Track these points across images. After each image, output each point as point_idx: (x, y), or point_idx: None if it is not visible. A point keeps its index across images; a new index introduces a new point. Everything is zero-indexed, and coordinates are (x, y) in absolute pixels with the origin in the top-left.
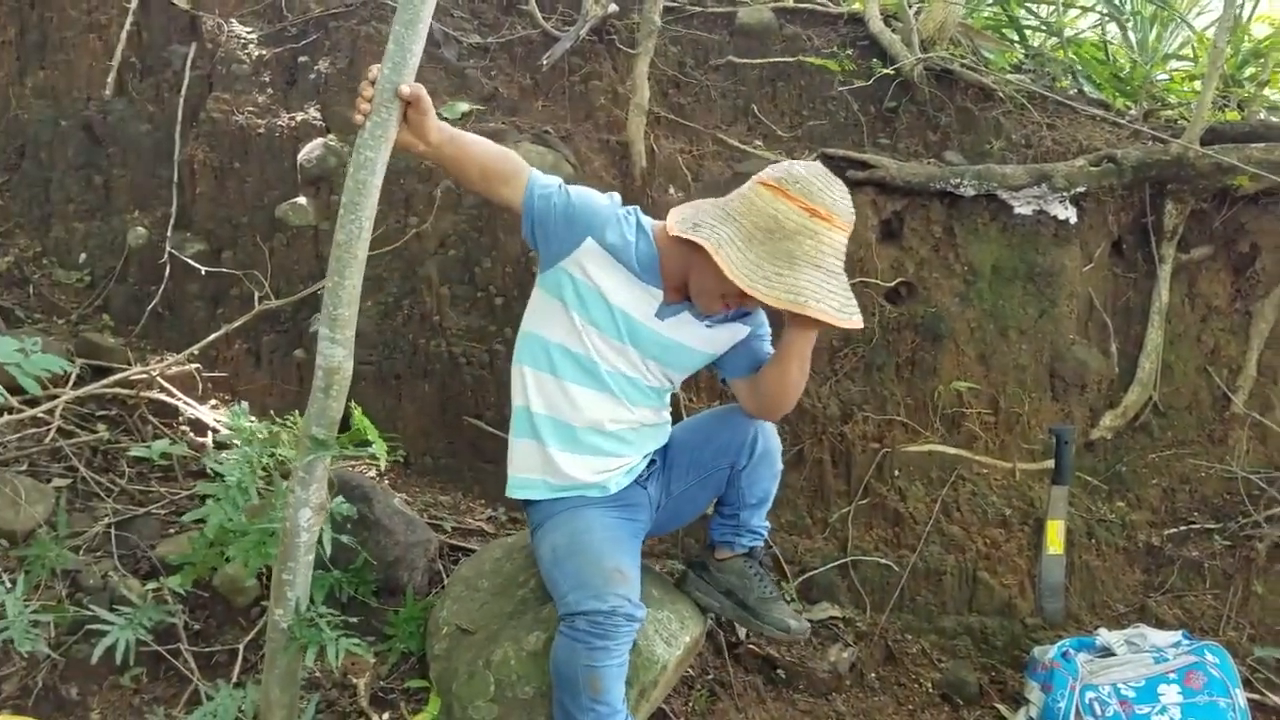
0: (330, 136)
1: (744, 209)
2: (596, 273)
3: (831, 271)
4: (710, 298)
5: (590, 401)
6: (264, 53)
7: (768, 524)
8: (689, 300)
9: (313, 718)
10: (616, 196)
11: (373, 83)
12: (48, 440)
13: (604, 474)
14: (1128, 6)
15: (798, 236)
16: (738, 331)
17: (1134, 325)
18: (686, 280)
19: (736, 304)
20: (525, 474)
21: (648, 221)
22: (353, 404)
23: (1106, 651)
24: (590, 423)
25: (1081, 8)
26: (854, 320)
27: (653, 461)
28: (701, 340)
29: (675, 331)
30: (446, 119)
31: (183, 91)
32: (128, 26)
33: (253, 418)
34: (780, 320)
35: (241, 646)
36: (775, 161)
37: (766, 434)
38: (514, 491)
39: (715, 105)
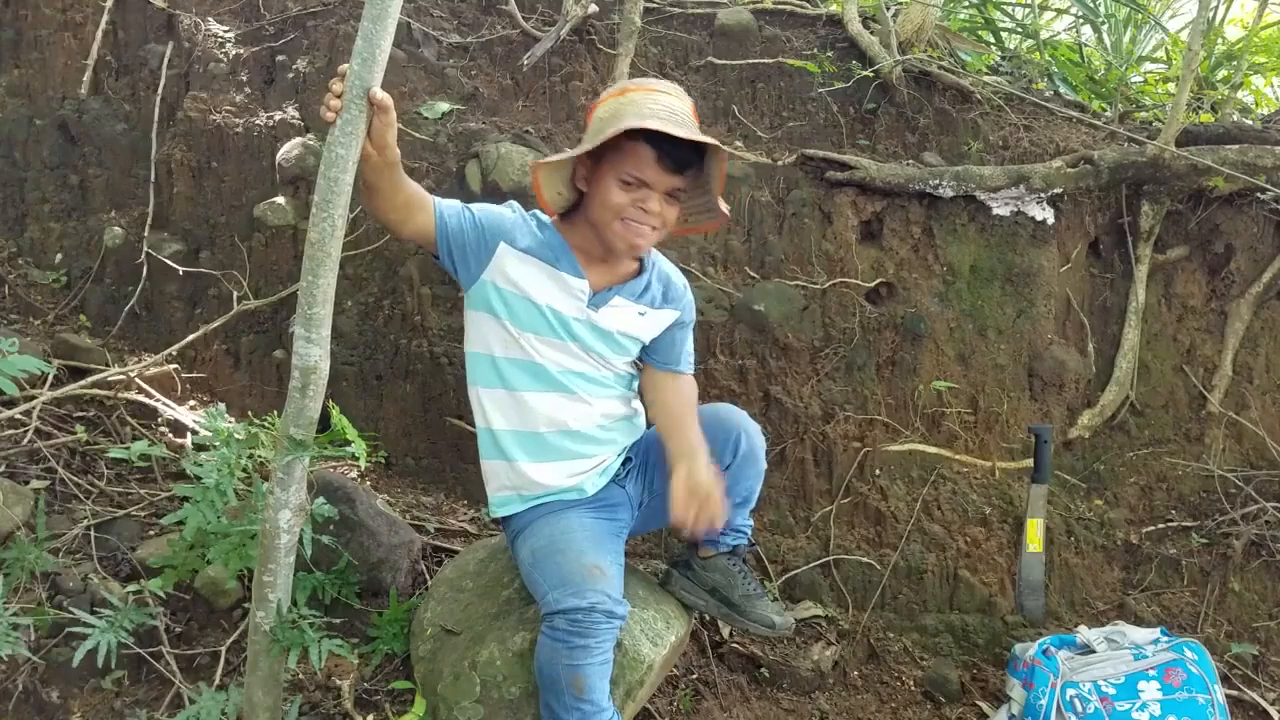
0: (309, 136)
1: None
2: (518, 276)
3: (661, 117)
4: (607, 221)
5: (548, 405)
6: (241, 51)
7: (751, 523)
8: (619, 285)
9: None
10: (515, 204)
11: (342, 78)
12: (25, 442)
13: (578, 476)
14: (1102, 9)
15: (618, 110)
16: (668, 317)
17: (1111, 325)
18: (601, 248)
19: (635, 212)
20: (500, 493)
21: (546, 217)
22: (332, 404)
23: (1087, 649)
24: (553, 425)
25: (1057, 10)
26: (687, 132)
27: (629, 460)
28: (638, 326)
29: (611, 320)
30: (427, 118)
31: (159, 90)
32: (103, 25)
33: (231, 418)
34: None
35: (224, 649)
36: (757, 162)
37: (750, 433)
38: (495, 511)
39: (696, 106)
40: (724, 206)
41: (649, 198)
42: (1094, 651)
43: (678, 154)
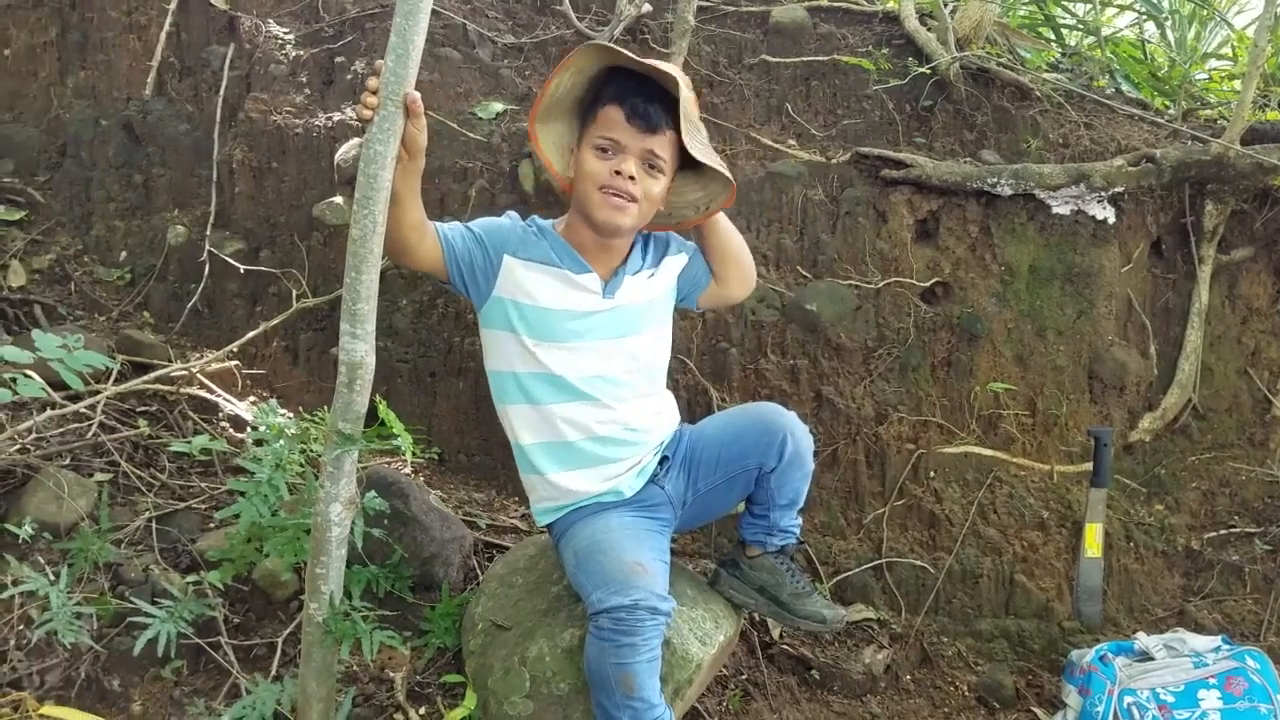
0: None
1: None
2: (528, 285)
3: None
4: (588, 193)
5: (573, 414)
6: (301, 53)
7: (799, 522)
8: (621, 267)
9: (350, 711)
10: (513, 214)
11: (378, 75)
12: (90, 435)
13: (612, 480)
14: (1166, 5)
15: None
16: (677, 261)
17: (1173, 327)
18: (595, 238)
19: (613, 180)
20: (540, 504)
21: (544, 222)
22: (379, 399)
23: (1145, 656)
24: (580, 433)
25: (1119, 6)
26: (640, 61)
27: (666, 458)
28: (654, 290)
29: (629, 297)
30: (481, 119)
31: (221, 91)
32: (167, 27)
33: (287, 414)
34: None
35: (280, 640)
36: (810, 161)
37: (796, 436)
38: (539, 520)
39: (749, 104)
40: (717, 163)
41: (624, 160)
42: (1153, 659)
43: (648, 113)
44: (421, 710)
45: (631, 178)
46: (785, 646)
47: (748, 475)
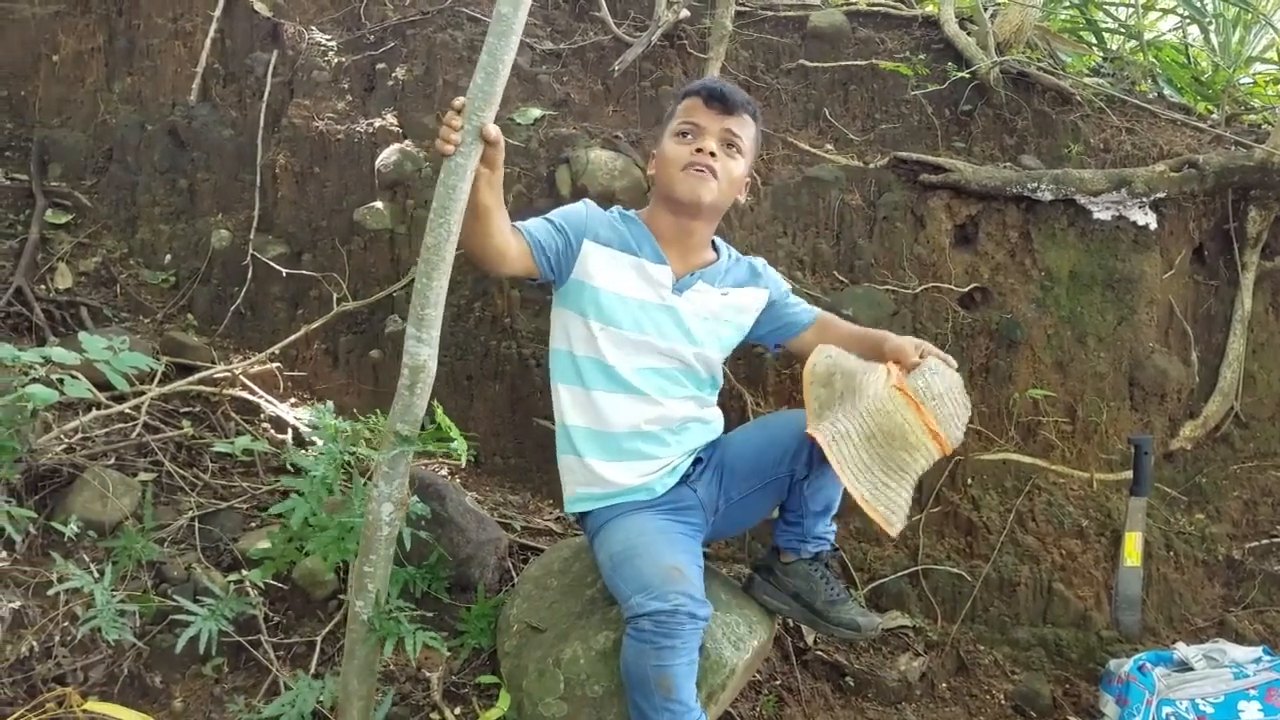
0: (407, 142)
1: (874, 408)
2: (603, 268)
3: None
4: (672, 176)
5: (620, 407)
6: (343, 60)
7: (834, 528)
8: (700, 270)
9: (388, 710)
10: (589, 201)
11: (459, 112)
12: (134, 435)
13: (647, 476)
14: (1209, 8)
15: (915, 452)
16: (756, 296)
17: (1215, 334)
18: (678, 222)
19: (695, 157)
20: (574, 489)
21: (630, 211)
22: (435, 403)
23: (1184, 666)
24: (627, 427)
25: (1162, 10)
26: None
27: (699, 460)
28: (722, 307)
29: (695, 304)
30: (519, 124)
31: (265, 97)
32: (212, 34)
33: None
34: None
35: (319, 639)
36: (847, 165)
37: None
38: (570, 508)
39: (786, 109)
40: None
41: (704, 139)
42: (1192, 669)
43: (724, 95)
44: (457, 710)
45: (712, 153)
46: (820, 653)
47: (780, 483)
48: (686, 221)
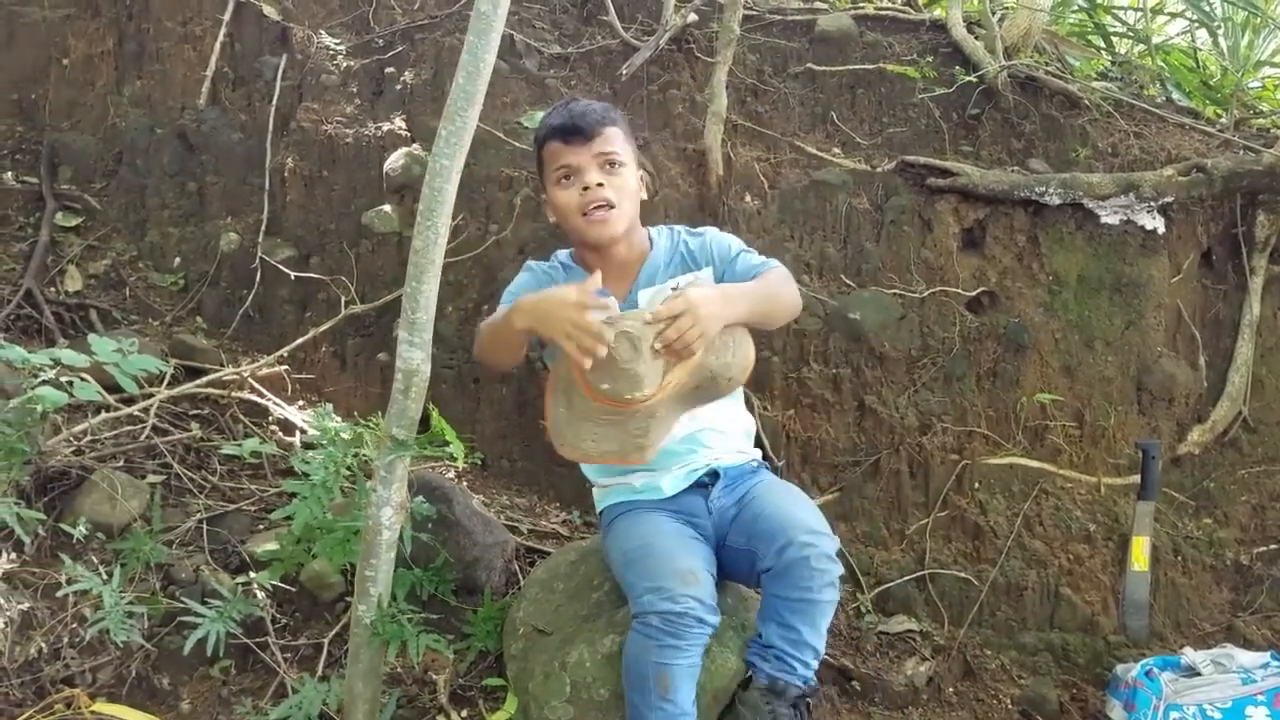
0: (415, 146)
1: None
2: None
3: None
4: (574, 225)
5: None
6: (352, 64)
7: (811, 665)
8: (635, 279)
9: (394, 712)
10: (531, 263)
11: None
12: (143, 438)
13: (654, 475)
14: (1218, 12)
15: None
16: (701, 278)
17: (1223, 338)
18: (612, 260)
19: (584, 198)
20: (596, 479)
21: (566, 257)
22: (431, 406)
23: (1192, 671)
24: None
25: (1170, 14)
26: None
27: (717, 475)
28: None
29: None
30: (528, 128)
31: (274, 101)
32: (221, 37)
33: (338, 418)
34: None
35: (326, 641)
36: (854, 169)
37: (801, 545)
38: (598, 504)
39: (793, 113)
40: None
41: (583, 176)
42: (1200, 674)
43: (576, 126)
44: (463, 713)
45: (600, 184)
46: (826, 657)
47: (750, 558)
48: (610, 250)
